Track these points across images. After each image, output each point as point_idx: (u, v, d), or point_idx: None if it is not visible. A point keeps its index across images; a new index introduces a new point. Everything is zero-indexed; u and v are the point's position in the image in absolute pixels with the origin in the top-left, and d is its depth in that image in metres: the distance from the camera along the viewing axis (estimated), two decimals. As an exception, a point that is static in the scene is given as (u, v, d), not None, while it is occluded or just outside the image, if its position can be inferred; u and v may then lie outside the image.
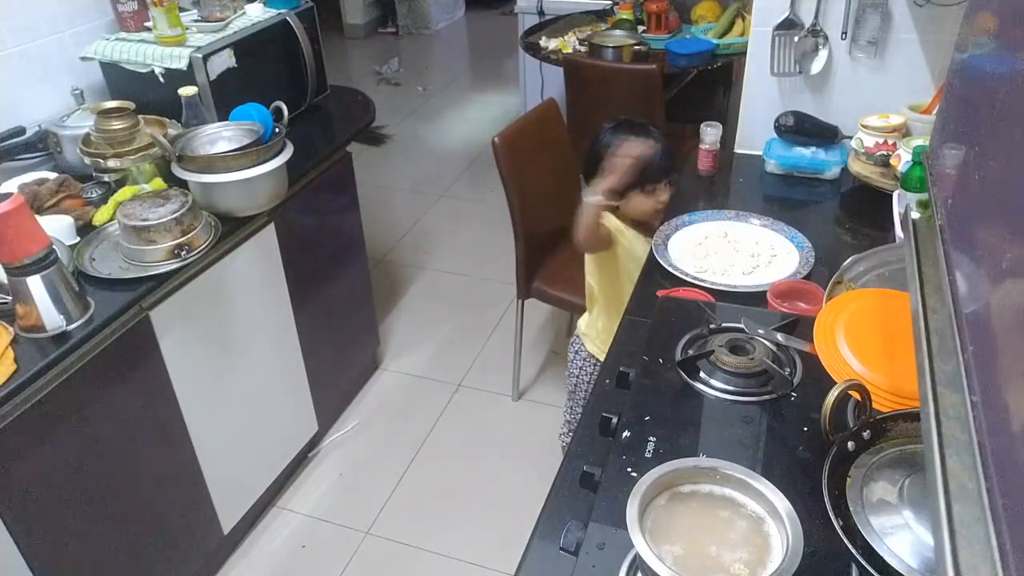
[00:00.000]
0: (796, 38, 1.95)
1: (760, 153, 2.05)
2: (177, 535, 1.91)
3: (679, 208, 1.87)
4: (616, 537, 0.98)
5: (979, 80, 0.87)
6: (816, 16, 1.92)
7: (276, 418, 2.22)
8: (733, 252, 1.70)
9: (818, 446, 1.04)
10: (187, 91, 1.93)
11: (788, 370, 1.23)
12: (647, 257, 1.70)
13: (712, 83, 3.32)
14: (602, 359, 1.69)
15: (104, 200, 1.83)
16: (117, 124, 1.84)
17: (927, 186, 1.05)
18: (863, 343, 1.15)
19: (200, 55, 1.99)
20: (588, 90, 2.79)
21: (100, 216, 1.78)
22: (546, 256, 2.49)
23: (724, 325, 1.33)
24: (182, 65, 2.00)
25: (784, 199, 1.95)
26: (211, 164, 1.76)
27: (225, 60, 2.06)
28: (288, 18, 2.27)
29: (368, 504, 2.32)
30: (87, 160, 1.85)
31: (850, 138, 1.95)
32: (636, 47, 2.92)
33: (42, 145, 1.99)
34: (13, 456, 1.43)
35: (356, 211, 2.52)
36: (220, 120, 1.98)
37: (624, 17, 3.26)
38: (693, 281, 1.59)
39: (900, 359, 1.10)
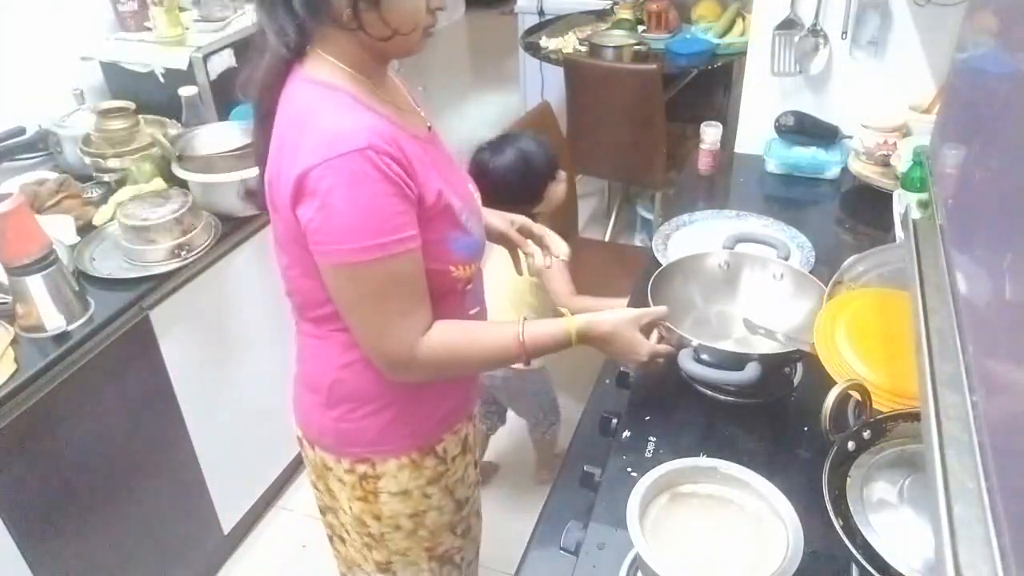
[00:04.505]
0: (796, 38, 1.95)
1: (760, 153, 2.05)
2: (177, 535, 1.90)
3: (679, 208, 1.87)
4: (616, 537, 0.98)
5: (979, 80, 0.87)
6: (816, 16, 1.92)
7: (276, 418, 2.21)
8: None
9: (818, 446, 1.04)
10: (187, 91, 1.93)
11: (788, 370, 1.23)
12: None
13: (712, 83, 3.32)
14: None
15: (104, 200, 1.83)
16: (117, 124, 1.84)
17: (927, 186, 1.05)
18: (863, 343, 1.15)
19: (200, 55, 1.99)
20: (588, 90, 2.79)
21: (100, 216, 1.78)
22: (546, 256, 2.48)
23: (724, 325, 1.33)
24: (182, 65, 2.00)
25: (784, 199, 1.95)
26: (211, 164, 1.76)
27: (225, 60, 2.06)
28: (288, 18, 2.26)
29: (368, 504, 2.31)
30: (87, 160, 1.85)
31: (850, 138, 1.95)
32: (636, 47, 2.92)
33: (42, 145, 1.99)
34: (13, 456, 1.43)
35: (356, 211, 2.52)
36: (220, 120, 1.98)
37: (624, 17, 3.25)
38: (693, 281, 1.58)
39: (900, 359, 1.09)
